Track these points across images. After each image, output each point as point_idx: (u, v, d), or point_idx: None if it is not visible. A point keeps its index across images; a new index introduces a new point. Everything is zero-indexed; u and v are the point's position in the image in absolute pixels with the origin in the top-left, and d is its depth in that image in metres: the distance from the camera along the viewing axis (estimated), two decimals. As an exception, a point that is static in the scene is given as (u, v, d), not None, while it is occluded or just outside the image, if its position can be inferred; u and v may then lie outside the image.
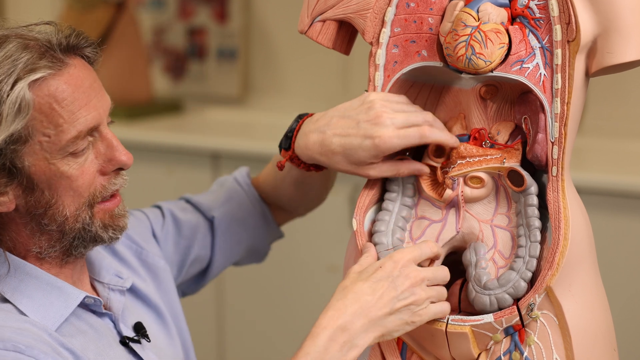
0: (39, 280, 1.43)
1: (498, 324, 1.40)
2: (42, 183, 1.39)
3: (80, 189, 1.40)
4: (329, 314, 1.38)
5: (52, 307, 1.42)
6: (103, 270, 1.54)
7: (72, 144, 1.38)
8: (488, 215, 1.45)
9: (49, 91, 1.37)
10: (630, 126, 3.01)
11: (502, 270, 1.43)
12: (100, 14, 3.47)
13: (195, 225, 1.75)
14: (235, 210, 1.77)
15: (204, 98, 3.65)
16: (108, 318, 1.50)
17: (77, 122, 1.38)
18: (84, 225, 1.43)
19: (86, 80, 1.41)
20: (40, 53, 1.38)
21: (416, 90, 1.51)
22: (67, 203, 1.41)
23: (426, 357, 1.47)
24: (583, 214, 1.43)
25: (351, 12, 1.50)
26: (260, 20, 3.57)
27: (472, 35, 1.37)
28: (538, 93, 1.39)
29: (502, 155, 1.43)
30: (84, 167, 1.40)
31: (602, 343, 1.43)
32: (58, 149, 1.38)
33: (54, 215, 1.41)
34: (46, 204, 1.40)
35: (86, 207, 1.42)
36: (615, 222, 2.59)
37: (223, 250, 1.76)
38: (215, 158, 3.17)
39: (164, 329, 1.62)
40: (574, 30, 1.36)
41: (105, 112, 1.43)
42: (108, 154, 1.43)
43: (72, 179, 1.40)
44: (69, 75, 1.39)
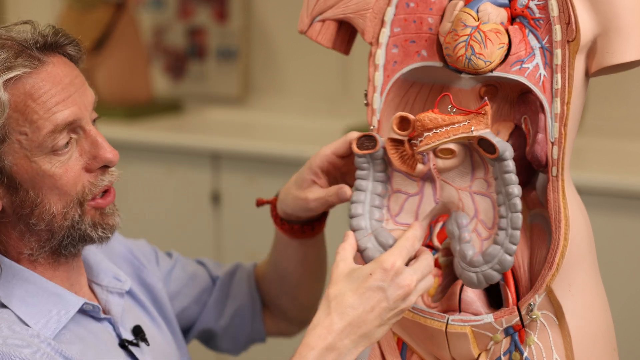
0: (36, 286, 1.42)
1: (498, 324, 1.40)
2: (25, 182, 1.38)
3: (65, 187, 1.39)
4: (317, 333, 1.32)
5: (50, 314, 1.41)
6: (101, 273, 1.54)
7: (50, 138, 1.37)
8: (465, 182, 1.41)
9: (24, 89, 1.36)
10: (630, 126, 3.01)
11: (486, 243, 1.40)
12: (100, 14, 3.47)
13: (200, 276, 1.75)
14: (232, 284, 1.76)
15: (204, 98, 3.65)
16: (107, 322, 1.49)
17: (53, 116, 1.37)
18: (73, 223, 1.41)
19: (65, 78, 1.40)
20: (16, 52, 1.37)
21: (416, 90, 1.51)
22: (54, 201, 1.39)
23: (426, 357, 1.47)
24: (583, 214, 1.43)
25: (351, 12, 1.50)
26: (260, 20, 3.57)
27: (471, 35, 1.37)
28: (538, 93, 1.39)
29: (469, 122, 1.37)
30: (67, 165, 1.39)
31: (602, 343, 1.43)
32: (37, 145, 1.37)
33: (41, 214, 1.40)
34: (32, 203, 1.39)
35: (75, 205, 1.41)
36: (615, 222, 2.59)
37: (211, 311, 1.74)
38: (215, 158, 3.17)
39: (160, 333, 1.62)
40: (574, 30, 1.36)
41: (87, 108, 1.42)
42: (92, 151, 1.41)
43: (55, 178, 1.38)
44: (47, 73, 1.38)
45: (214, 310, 1.74)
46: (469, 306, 1.45)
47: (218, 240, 3.20)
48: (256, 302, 1.75)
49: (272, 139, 3.28)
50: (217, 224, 3.20)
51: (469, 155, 1.41)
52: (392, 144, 1.42)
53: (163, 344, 1.60)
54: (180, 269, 1.74)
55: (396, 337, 1.49)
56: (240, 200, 3.13)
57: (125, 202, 1.50)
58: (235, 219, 3.16)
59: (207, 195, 3.18)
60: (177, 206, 3.25)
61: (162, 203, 3.25)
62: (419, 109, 1.52)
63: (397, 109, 1.51)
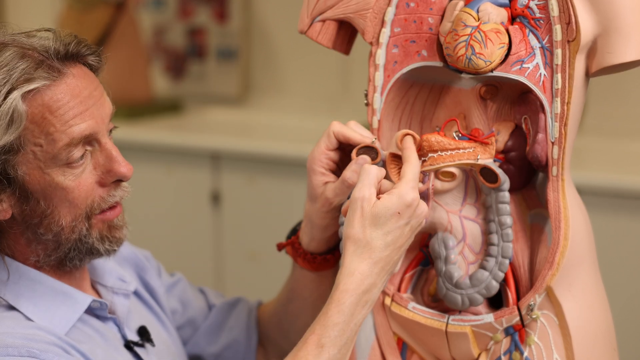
0: (43, 285, 1.42)
1: (498, 324, 1.40)
2: (36, 193, 1.37)
3: (76, 200, 1.38)
4: (355, 279, 1.36)
5: (59, 313, 1.41)
6: (106, 274, 1.53)
7: (65, 152, 1.36)
8: (456, 206, 1.45)
9: (43, 101, 1.35)
10: (630, 126, 3.01)
11: (472, 267, 1.43)
12: (100, 14, 3.47)
13: (198, 300, 1.74)
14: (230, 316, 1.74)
15: (204, 98, 3.65)
16: (112, 322, 1.49)
17: (69, 129, 1.36)
18: (80, 236, 1.40)
19: (85, 90, 1.39)
20: (36, 63, 1.35)
21: (416, 90, 1.51)
22: (63, 214, 1.38)
23: (426, 357, 1.47)
24: (583, 214, 1.43)
25: (351, 12, 1.50)
26: (260, 20, 3.57)
27: (472, 35, 1.37)
28: (538, 93, 1.39)
29: (475, 149, 1.41)
30: (80, 178, 1.38)
31: (602, 343, 1.43)
32: (51, 157, 1.36)
33: (49, 225, 1.39)
34: (42, 213, 1.38)
35: (83, 219, 1.40)
36: (615, 222, 2.59)
37: (203, 336, 1.73)
38: (215, 158, 3.17)
39: (165, 332, 1.61)
40: (574, 30, 1.36)
41: (104, 120, 1.40)
42: (107, 165, 1.40)
43: (67, 190, 1.37)
44: (66, 85, 1.37)
45: (206, 336, 1.72)
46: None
47: (218, 240, 3.20)
48: (252, 338, 1.73)
49: (272, 139, 3.28)
50: (217, 224, 3.20)
51: (464, 180, 1.44)
52: (392, 159, 1.44)
53: (168, 344, 1.59)
54: (180, 288, 1.73)
55: (396, 337, 1.49)
56: (240, 200, 3.13)
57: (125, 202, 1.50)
58: (235, 219, 3.16)
59: (207, 195, 3.18)
60: (177, 206, 3.25)
61: (162, 203, 3.25)
62: (419, 109, 1.52)
63: (398, 109, 1.51)
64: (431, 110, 1.52)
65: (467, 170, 1.44)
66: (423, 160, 1.42)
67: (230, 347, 1.72)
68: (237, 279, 3.14)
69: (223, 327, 1.73)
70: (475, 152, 1.41)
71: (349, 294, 1.35)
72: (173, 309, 1.70)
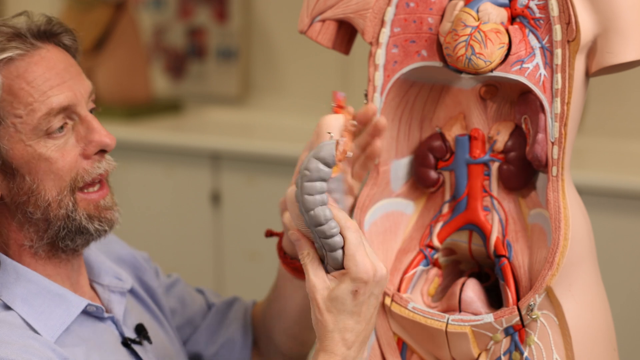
0: (39, 286, 1.42)
1: (498, 324, 1.40)
2: (21, 168, 1.38)
3: (60, 171, 1.39)
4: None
5: (54, 315, 1.41)
6: (103, 273, 1.53)
7: (45, 121, 1.37)
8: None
9: (17, 72, 1.36)
10: (630, 126, 3.01)
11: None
12: (100, 14, 3.47)
13: (197, 299, 1.74)
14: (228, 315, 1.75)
15: (204, 98, 3.66)
16: (110, 320, 1.49)
17: (48, 100, 1.37)
18: (67, 212, 1.40)
19: (60, 63, 1.40)
20: (9, 36, 1.37)
21: (416, 90, 1.51)
22: (49, 187, 1.39)
23: (426, 357, 1.47)
24: (583, 214, 1.43)
25: (351, 12, 1.50)
26: (260, 20, 3.57)
27: (471, 35, 1.37)
28: (538, 93, 1.39)
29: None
30: (64, 149, 1.39)
31: (602, 343, 1.43)
32: (31, 128, 1.37)
33: (36, 202, 1.39)
34: (28, 189, 1.39)
35: (68, 192, 1.40)
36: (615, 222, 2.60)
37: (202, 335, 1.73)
38: (215, 158, 3.17)
39: (163, 330, 1.62)
40: (574, 30, 1.36)
41: (83, 95, 1.41)
42: (89, 136, 1.41)
43: (51, 161, 1.38)
44: (40, 57, 1.38)
45: (206, 335, 1.72)
46: (468, 306, 1.45)
47: (218, 240, 3.20)
48: (248, 338, 1.73)
49: (272, 139, 3.28)
50: (217, 224, 3.20)
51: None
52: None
53: (166, 342, 1.59)
54: (179, 288, 1.73)
55: (396, 337, 1.49)
56: (240, 200, 3.14)
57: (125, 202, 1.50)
58: (235, 219, 3.16)
59: (207, 195, 3.18)
60: (176, 206, 3.25)
61: (162, 203, 3.25)
62: (419, 109, 1.52)
63: (397, 109, 1.51)
64: (431, 110, 1.52)
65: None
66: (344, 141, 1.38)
67: (227, 345, 1.72)
68: (237, 279, 3.14)
69: (221, 326, 1.73)
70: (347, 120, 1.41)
71: None
72: (173, 308, 1.71)
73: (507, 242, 1.45)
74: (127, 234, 1.72)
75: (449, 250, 1.51)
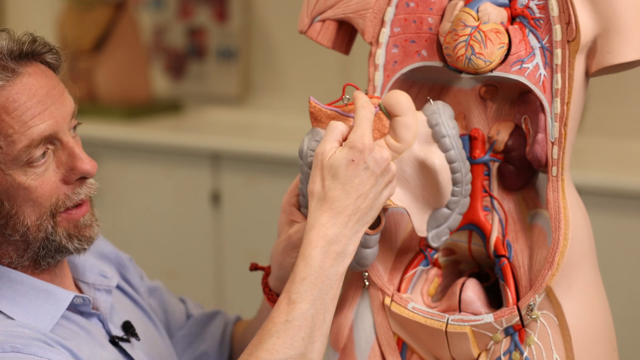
0: (25, 285, 1.41)
1: (498, 324, 1.40)
2: (0, 194, 1.36)
3: (40, 199, 1.37)
4: (316, 231, 1.33)
5: (42, 311, 1.40)
6: (87, 271, 1.52)
7: (25, 153, 1.35)
8: None
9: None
10: (630, 126, 3.01)
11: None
12: (100, 14, 3.47)
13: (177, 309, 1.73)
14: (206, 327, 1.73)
15: (204, 98, 3.66)
16: (96, 318, 1.48)
17: (28, 131, 1.34)
18: (46, 234, 1.39)
19: (42, 89, 1.37)
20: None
21: (416, 90, 1.51)
22: (28, 213, 1.37)
23: (426, 357, 1.47)
24: (583, 214, 1.43)
25: (351, 12, 1.50)
26: (260, 20, 3.57)
27: (471, 35, 1.37)
28: (538, 93, 1.39)
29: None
30: (43, 177, 1.37)
31: (602, 343, 1.43)
32: (11, 159, 1.35)
33: (15, 226, 1.38)
34: (7, 214, 1.37)
35: (48, 217, 1.38)
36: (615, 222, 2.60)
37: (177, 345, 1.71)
38: (215, 158, 3.17)
39: (153, 325, 1.61)
40: (574, 30, 1.36)
41: (65, 119, 1.39)
42: (70, 162, 1.39)
43: (30, 190, 1.36)
44: (22, 85, 1.35)
45: (181, 345, 1.71)
46: (468, 306, 1.45)
47: (218, 240, 3.20)
48: (224, 354, 1.72)
49: (272, 139, 3.28)
50: (217, 224, 3.20)
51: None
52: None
53: (156, 337, 1.59)
54: (161, 294, 1.72)
55: (396, 337, 1.49)
56: (240, 200, 3.13)
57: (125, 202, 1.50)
58: (235, 219, 3.16)
59: (207, 195, 3.18)
60: (176, 206, 3.25)
61: (162, 203, 3.25)
62: (419, 109, 1.52)
63: (397, 109, 1.51)
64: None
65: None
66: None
67: (201, 358, 1.71)
68: (237, 279, 3.14)
69: (197, 338, 1.72)
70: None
71: (312, 245, 1.33)
72: (153, 312, 1.70)
73: (507, 242, 1.45)
74: (127, 234, 1.73)
75: (449, 250, 1.51)
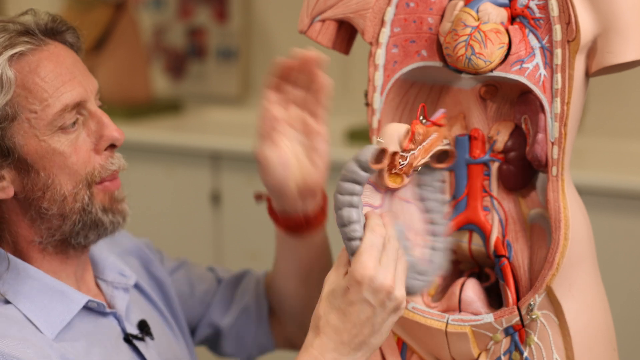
0: (41, 283, 1.43)
1: (498, 324, 1.40)
2: (36, 163, 1.39)
3: (75, 165, 1.40)
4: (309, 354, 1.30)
5: (54, 312, 1.41)
6: (107, 269, 1.54)
7: (59, 117, 1.38)
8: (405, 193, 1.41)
9: (30, 67, 1.38)
10: (630, 126, 3.01)
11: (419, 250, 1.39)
12: (100, 14, 3.47)
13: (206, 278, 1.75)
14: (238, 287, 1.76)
15: (204, 98, 3.65)
16: (112, 316, 1.50)
17: (62, 96, 1.38)
18: (83, 205, 1.41)
19: (68, 59, 1.41)
20: (19, 32, 1.39)
21: (416, 90, 1.51)
22: (64, 181, 1.40)
23: (426, 357, 1.47)
24: (583, 214, 1.43)
25: (351, 11, 1.50)
26: (260, 20, 3.57)
27: (471, 35, 1.37)
28: (538, 93, 1.39)
29: (438, 134, 1.39)
30: (76, 144, 1.40)
31: (602, 343, 1.43)
32: (46, 124, 1.38)
33: (52, 196, 1.40)
34: (43, 185, 1.40)
35: (84, 186, 1.41)
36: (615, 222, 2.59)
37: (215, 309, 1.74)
38: (215, 158, 3.17)
39: (167, 326, 1.62)
40: (574, 30, 1.36)
41: (92, 91, 1.44)
42: (99, 130, 1.43)
43: (65, 156, 1.39)
44: (49, 53, 1.40)
45: (219, 308, 1.73)
46: (468, 306, 1.45)
47: (218, 240, 3.20)
48: (262, 306, 1.74)
49: (272, 139, 3.27)
50: (217, 224, 3.20)
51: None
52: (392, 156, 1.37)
53: (170, 338, 1.60)
54: (185, 271, 1.74)
55: (396, 337, 1.49)
56: (240, 200, 3.13)
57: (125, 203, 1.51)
58: (235, 219, 3.16)
59: (207, 195, 3.18)
60: (177, 206, 3.25)
61: (162, 203, 3.25)
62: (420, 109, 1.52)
63: (397, 109, 1.51)
64: (431, 110, 1.51)
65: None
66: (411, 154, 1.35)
67: (242, 315, 1.73)
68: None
69: (233, 297, 1.74)
70: (440, 137, 1.40)
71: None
72: (180, 291, 1.72)
73: (507, 242, 1.45)
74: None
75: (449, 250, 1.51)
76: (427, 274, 1.39)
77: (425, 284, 1.39)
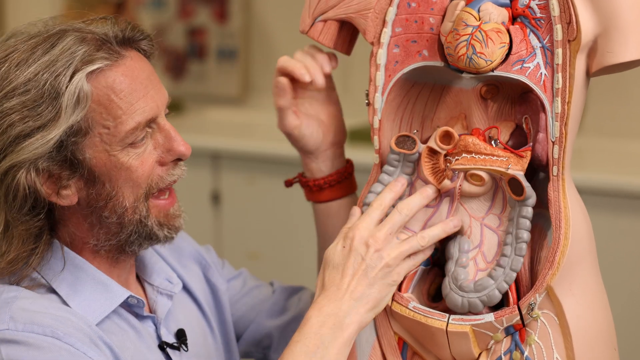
0: (86, 273, 1.44)
1: (499, 324, 1.40)
2: (103, 175, 1.39)
3: (139, 179, 1.41)
4: (315, 307, 1.40)
5: (96, 302, 1.42)
6: (154, 274, 1.55)
7: (131, 135, 1.39)
8: (481, 213, 1.45)
9: (106, 83, 1.38)
10: (630, 126, 3.01)
11: (480, 274, 1.43)
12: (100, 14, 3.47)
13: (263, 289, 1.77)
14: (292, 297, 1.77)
15: (204, 98, 3.66)
16: (150, 321, 1.50)
17: (135, 113, 1.39)
18: (140, 217, 1.43)
19: (143, 72, 1.42)
20: (97, 45, 1.39)
21: (417, 90, 1.51)
22: (127, 194, 1.41)
23: (427, 356, 1.47)
24: (583, 214, 1.43)
25: (352, 12, 1.50)
26: (260, 20, 3.57)
27: (473, 35, 1.37)
28: (539, 92, 1.39)
29: (508, 159, 1.42)
30: (143, 157, 1.41)
31: (602, 342, 1.43)
32: (118, 140, 1.38)
33: (114, 207, 1.41)
34: (107, 196, 1.41)
35: (143, 199, 1.42)
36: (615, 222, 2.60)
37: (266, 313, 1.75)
38: (215, 158, 3.17)
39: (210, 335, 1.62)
40: (575, 30, 1.36)
41: (163, 104, 1.45)
42: (166, 144, 1.44)
43: (131, 170, 1.40)
44: (126, 67, 1.40)
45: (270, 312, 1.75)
46: (469, 305, 1.45)
47: (218, 240, 3.20)
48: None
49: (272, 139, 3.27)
50: (217, 224, 3.20)
51: (493, 189, 1.44)
52: (428, 153, 1.46)
53: (209, 347, 1.60)
54: (243, 280, 1.75)
55: (397, 337, 1.49)
56: (240, 200, 3.14)
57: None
58: (235, 219, 3.16)
59: (207, 195, 3.18)
60: (177, 206, 3.25)
61: (162, 203, 3.25)
62: (420, 109, 1.52)
63: (399, 109, 1.51)
64: (432, 110, 1.52)
65: (498, 181, 1.44)
66: (456, 159, 1.42)
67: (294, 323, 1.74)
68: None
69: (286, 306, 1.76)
70: (508, 162, 1.41)
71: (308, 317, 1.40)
72: (233, 296, 1.73)
73: (507, 242, 1.45)
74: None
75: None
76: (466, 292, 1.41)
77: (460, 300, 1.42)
